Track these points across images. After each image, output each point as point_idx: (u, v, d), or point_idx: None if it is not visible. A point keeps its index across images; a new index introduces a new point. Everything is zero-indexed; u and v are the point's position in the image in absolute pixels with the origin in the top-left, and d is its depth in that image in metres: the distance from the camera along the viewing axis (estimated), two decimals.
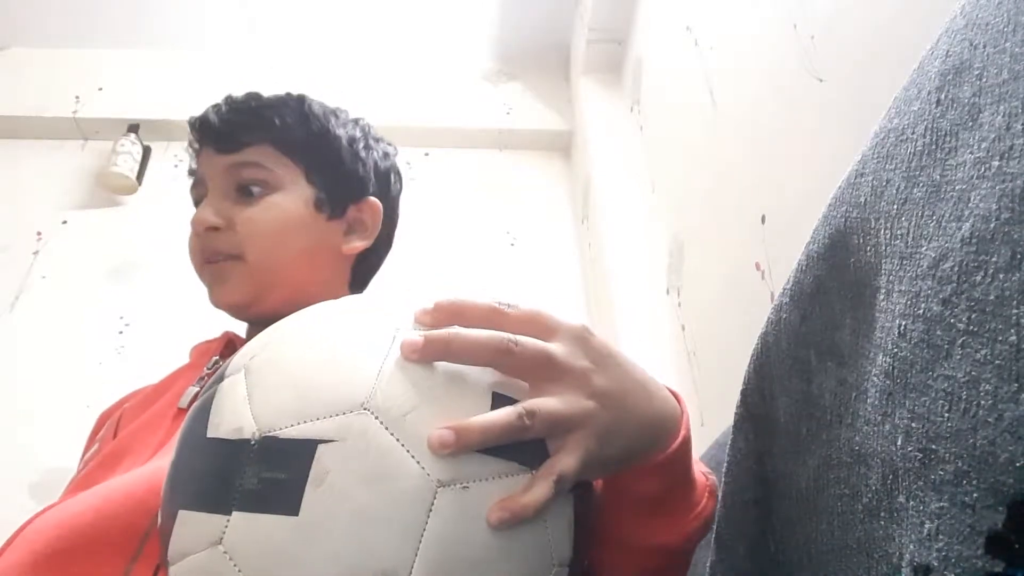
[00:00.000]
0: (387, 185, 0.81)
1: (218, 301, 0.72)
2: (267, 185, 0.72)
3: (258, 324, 0.71)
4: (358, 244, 0.77)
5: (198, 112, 0.75)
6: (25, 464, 1.41)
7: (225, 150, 0.72)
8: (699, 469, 0.47)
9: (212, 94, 0.80)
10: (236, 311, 0.72)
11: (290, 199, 0.72)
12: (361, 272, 0.80)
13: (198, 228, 0.70)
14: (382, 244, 0.81)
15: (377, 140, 0.81)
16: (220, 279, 0.70)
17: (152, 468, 0.51)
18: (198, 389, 0.64)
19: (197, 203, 0.74)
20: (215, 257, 0.71)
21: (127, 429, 0.64)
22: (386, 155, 0.81)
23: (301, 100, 0.76)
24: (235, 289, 0.70)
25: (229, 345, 0.72)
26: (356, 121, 0.80)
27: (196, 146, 0.76)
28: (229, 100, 0.75)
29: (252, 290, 0.70)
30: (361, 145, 0.78)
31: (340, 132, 0.77)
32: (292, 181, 0.73)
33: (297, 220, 0.72)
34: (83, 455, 0.72)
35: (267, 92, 0.79)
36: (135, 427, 0.63)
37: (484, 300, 0.41)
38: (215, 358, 0.69)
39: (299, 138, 0.73)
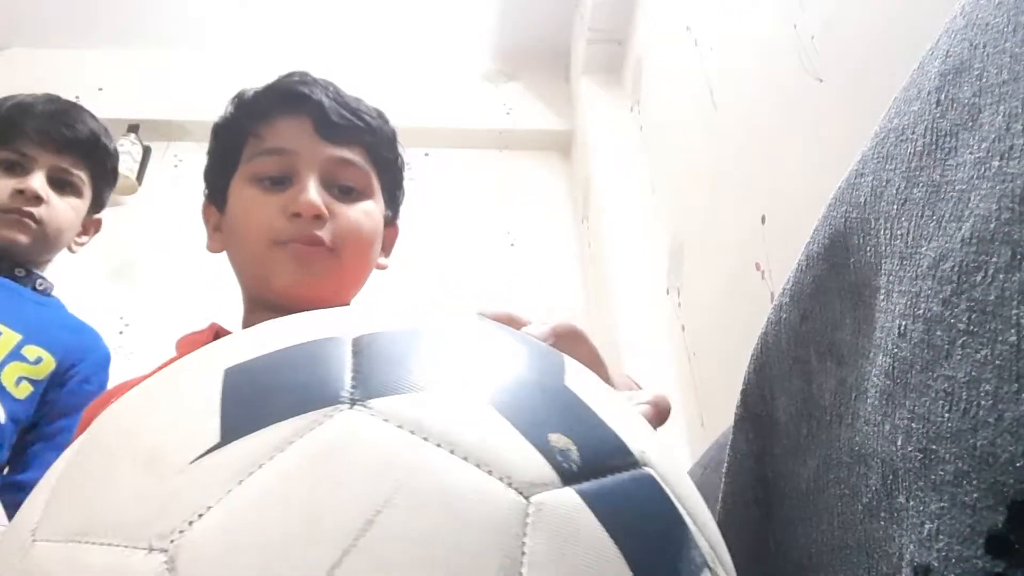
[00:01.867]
0: None
1: (300, 289, 0.67)
2: (364, 189, 0.73)
3: (268, 310, 0.70)
4: (383, 263, 0.80)
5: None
6: None
7: (332, 139, 0.70)
8: None
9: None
10: (306, 303, 0.66)
11: (377, 209, 0.74)
12: None
13: (307, 212, 0.67)
14: None
15: None
16: (310, 267, 0.67)
17: None
18: None
19: (268, 176, 0.70)
20: (309, 242, 0.67)
21: None
22: None
23: (384, 116, 0.78)
24: (325, 283, 0.68)
25: (216, 337, 0.71)
26: None
27: (276, 114, 0.72)
28: (332, 88, 0.74)
29: (335, 287, 0.70)
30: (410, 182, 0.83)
31: (405, 159, 0.80)
32: (376, 192, 0.75)
33: (378, 231, 0.74)
34: None
35: None
36: None
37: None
38: None
39: (386, 155, 0.76)
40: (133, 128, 1.84)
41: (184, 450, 0.21)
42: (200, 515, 0.19)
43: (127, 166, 1.78)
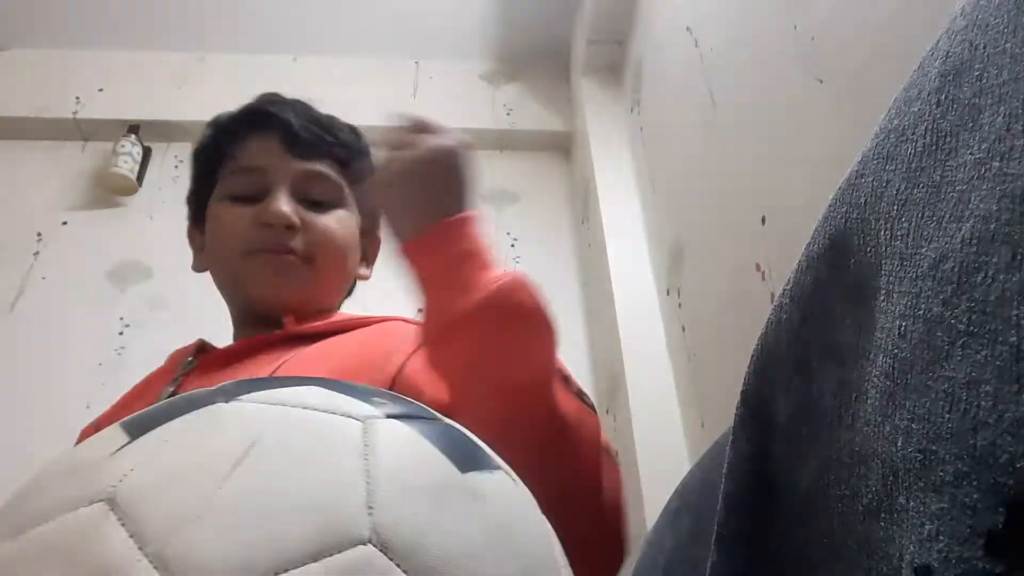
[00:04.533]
0: None
1: (276, 295, 0.70)
2: (336, 199, 0.75)
3: (252, 323, 0.72)
4: (365, 273, 0.82)
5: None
6: (24, 465, 1.41)
7: (300, 155, 0.73)
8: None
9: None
10: (282, 309, 0.70)
11: (352, 219, 0.76)
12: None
13: (277, 222, 0.69)
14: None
15: None
16: (284, 274, 0.70)
17: None
18: (173, 388, 0.66)
19: (242, 194, 0.73)
20: (280, 251, 0.70)
21: None
22: None
23: (358, 131, 0.81)
24: (299, 289, 0.70)
25: (201, 349, 0.73)
26: None
27: (247, 135, 0.75)
28: (300, 107, 0.77)
29: (310, 294, 0.71)
30: None
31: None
32: (350, 201, 0.77)
33: (354, 240, 0.76)
34: None
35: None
36: None
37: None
38: (189, 359, 0.70)
39: (358, 167, 0.78)
40: (133, 128, 1.84)
41: (100, 453, 0.27)
42: (126, 475, 0.25)
43: (127, 167, 1.78)
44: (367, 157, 0.80)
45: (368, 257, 0.82)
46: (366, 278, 0.83)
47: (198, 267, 0.79)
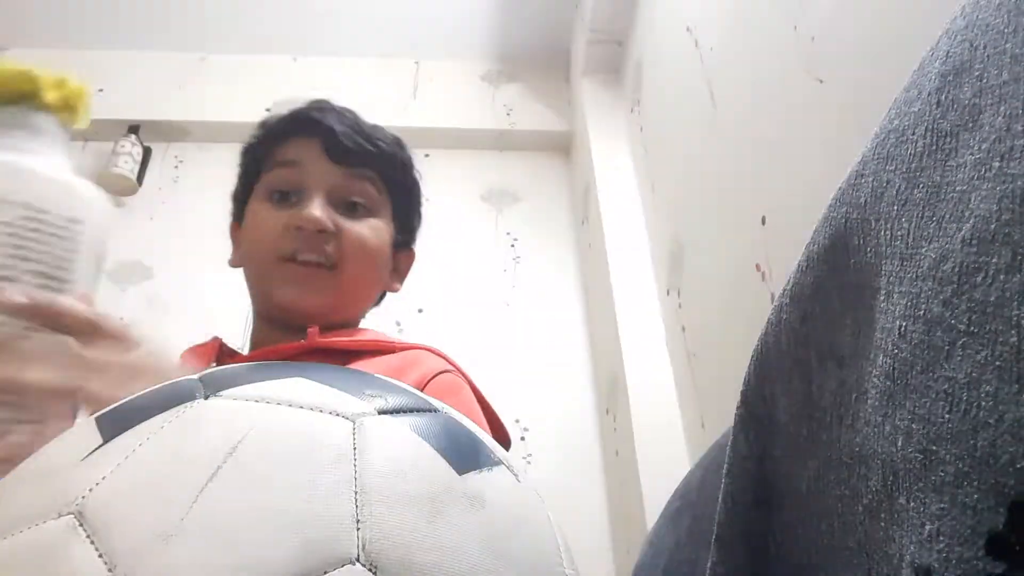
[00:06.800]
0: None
1: (299, 304, 0.70)
2: (371, 207, 0.74)
3: (273, 326, 0.72)
4: (396, 286, 0.82)
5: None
6: None
7: (340, 161, 0.73)
8: None
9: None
10: (305, 318, 0.70)
11: (385, 228, 0.76)
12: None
13: (309, 226, 0.69)
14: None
15: None
16: (308, 285, 0.69)
17: None
18: None
19: (279, 188, 0.73)
20: (308, 259, 0.70)
21: None
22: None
23: (401, 143, 0.80)
24: (322, 299, 0.70)
25: (220, 350, 0.73)
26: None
27: (291, 137, 0.75)
28: (346, 114, 0.76)
29: (334, 302, 0.71)
30: (423, 202, 0.83)
31: (421, 186, 0.82)
32: (385, 212, 0.76)
33: (385, 249, 0.76)
34: None
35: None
36: None
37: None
38: (213, 364, 0.69)
39: (398, 178, 0.78)
40: (133, 129, 1.84)
41: (72, 456, 0.25)
42: (97, 484, 0.23)
43: (128, 167, 1.78)
44: (409, 169, 0.80)
45: (401, 270, 0.82)
46: (396, 291, 0.82)
47: (234, 263, 0.79)
